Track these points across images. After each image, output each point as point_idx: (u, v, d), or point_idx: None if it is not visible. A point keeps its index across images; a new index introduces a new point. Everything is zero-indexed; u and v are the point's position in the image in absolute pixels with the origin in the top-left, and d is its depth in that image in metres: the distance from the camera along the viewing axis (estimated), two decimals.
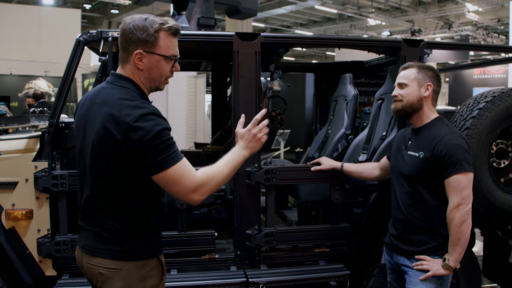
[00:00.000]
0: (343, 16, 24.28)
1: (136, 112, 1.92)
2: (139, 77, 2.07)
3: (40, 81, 12.49)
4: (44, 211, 3.30)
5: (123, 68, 2.09)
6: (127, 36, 2.01)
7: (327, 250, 3.62)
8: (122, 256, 2.04)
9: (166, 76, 2.10)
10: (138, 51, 2.01)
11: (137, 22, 2.00)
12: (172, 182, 1.95)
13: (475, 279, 3.73)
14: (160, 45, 2.02)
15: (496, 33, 24.00)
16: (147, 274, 2.07)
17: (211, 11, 4.45)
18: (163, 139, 1.91)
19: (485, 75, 20.27)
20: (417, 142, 2.72)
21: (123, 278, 2.03)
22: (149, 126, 1.90)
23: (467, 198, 2.53)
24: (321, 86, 5.40)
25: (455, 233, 2.52)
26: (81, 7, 19.86)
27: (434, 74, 2.76)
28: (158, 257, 2.15)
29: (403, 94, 2.73)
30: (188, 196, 1.99)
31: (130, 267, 2.04)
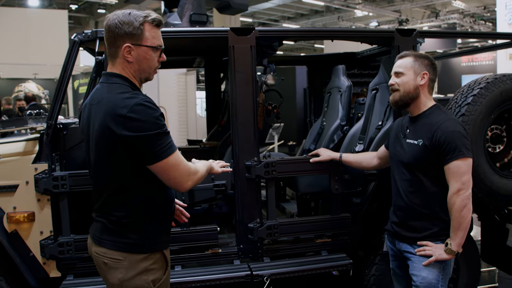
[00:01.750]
0: (330, 8, 24.31)
1: (129, 102, 1.98)
2: (129, 70, 2.13)
3: (30, 83, 12.43)
4: (46, 213, 3.31)
5: (113, 65, 2.14)
6: (114, 32, 2.07)
7: (329, 240, 3.65)
8: (125, 247, 2.10)
9: (154, 67, 2.17)
10: (127, 45, 2.06)
11: (122, 17, 2.06)
12: (172, 169, 2.05)
13: (475, 263, 3.78)
14: (147, 36, 2.09)
15: (482, 20, 24.14)
16: (150, 268, 2.12)
17: (202, 7, 4.44)
18: (160, 126, 1.99)
19: (473, 62, 20.42)
20: (415, 130, 2.75)
21: (125, 269, 2.09)
22: (144, 115, 1.97)
23: (467, 183, 2.56)
24: (314, 79, 5.42)
25: (457, 218, 2.56)
26: (67, 8, 19.70)
27: (430, 62, 2.78)
28: (162, 252, 2.19)
29: (399, 82, 2.76)
30: (184, 180, 2.10)
31: (132, 259, 2.09)
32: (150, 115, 1.97)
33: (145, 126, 1.95)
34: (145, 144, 1.97)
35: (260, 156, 3.50)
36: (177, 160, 2.06)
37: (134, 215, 2.11)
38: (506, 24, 11.72)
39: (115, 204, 2.12)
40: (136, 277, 2.09)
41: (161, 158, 2.01)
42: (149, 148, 1.98)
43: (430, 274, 2.64)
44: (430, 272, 2.65)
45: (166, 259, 2.21)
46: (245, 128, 3.42)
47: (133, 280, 2.09)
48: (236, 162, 3.44)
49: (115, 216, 2.11)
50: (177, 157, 2.06)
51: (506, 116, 3.65)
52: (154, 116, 1.98)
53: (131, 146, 1.99)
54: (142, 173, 2.07)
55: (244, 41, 3.40)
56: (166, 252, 2.23)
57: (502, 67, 11.83)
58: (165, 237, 2.25)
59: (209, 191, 3.38)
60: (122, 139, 1.98)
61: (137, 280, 2.09)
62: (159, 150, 1.99)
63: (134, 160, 2.03)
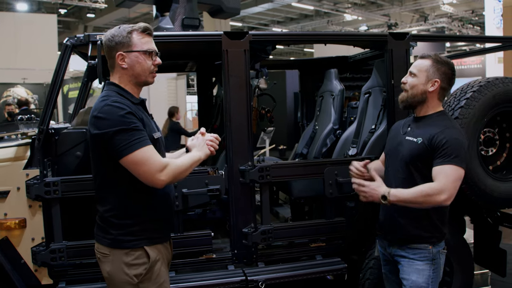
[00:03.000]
0: (319, 13, 24.42)
1: (101, 104, 2.21)
2: (125, 76, 2.33)
3: (19, 88, 12.37)
4: (38, 219, 3.26)
5: (112, 75, 2.37)
6: (108, 46, 2.32)
7: (323, 244, 3.64)
8: (110, 243, 2.28)
9: (149, 70, 2.34)
10: (119, 53, 2.29)
11: (113, 32, 2.32)
12: (141, 163, 2.15)
13: (468, 266, 3.79)
14: (135, 43, 2.30)
15: (471, 24, 24.37)
16: (131, 263, 2.25)
17: (194, 11, 4.43)
18: (124, 123, 2.15)
19: (462, 66, 20.58)
20: (417, 129, 2.72)
21: (111, 263, 2.28)
22: (109, 114, 2.16)
23: (452, 191, 2.49)
24: (306, 83, 5.42)
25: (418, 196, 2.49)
26: (56, 12, 19.59)
27: (448, 71, 2.70)
28: (143, 248, 2.28)
29: (410, 83, 2.72)
30: (156, 176, 2.16)
31: (116, 253, 2.26)
32: (115, 113, 2.16)
33: (108, 123, 2.14)
34: (110, 140, 2.14)
35: (254, 161, 3.48)
36: (145, 155, 2.15)
37: (113, 210, 2.27)
38: (495, 27, 11.83)
39: (99, 199, 2.33)
40: (120, 271, 2.25)
41: (126, 152, 2.14)
42: (114, 144, 2.14)
43: (420, 277, 2.64)
44: (420, 275, 2.64)
45: (148, 255, 2.28)
46: (239, 132, 3.40)
47: (118, 274, 2.26)
48: (230, 166, 3.42)
49: (99, 211, 2.32)
50: (146, 152, 2.16)
51: (498, 119, 3.68)
52: (119, 114, 2.15)
53: (101, 143, 2.18)
54: (117, 170, 2.21)
55: (238, 45, 3.39)
56: (150, 249, 2.30)
57: (491, 70, 11.92)
58: (150, 234, 2.32)
59: (203, 196, 3.35)
60: (94, 138, 2.20)
61: (121, 274, 2.25)
62: (124, 145, 2.13)
63: (107, 158, 2.21)
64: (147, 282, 2.27)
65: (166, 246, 2.47)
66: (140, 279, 2.25)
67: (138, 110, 2.29)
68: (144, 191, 2.27)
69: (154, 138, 2.31)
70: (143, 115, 2.31)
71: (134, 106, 2.27)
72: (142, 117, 2.27)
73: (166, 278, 2.39)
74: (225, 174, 3.43)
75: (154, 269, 2.29)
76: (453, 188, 2.49)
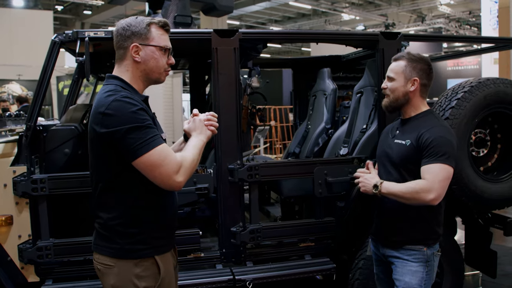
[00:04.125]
0: (317, 12, 24.41)
1: (108, 100, 1.98)
2: (136, 70, 2.14)
3: (14, 85, 12.32)
4: (25, 217, 3.23)
5: (119, 67, 2.15)
6: (122, 34, 2.11)
7: (312, 244, 3.62)
8: (115, 253, 2.06)
9: (163, 68, 2.18)
10: (134, 44, 2.09)
11: (129, 21, 2.13)
12: (157, 164, 1.95)
13: (458, 267, 3.78)
14: (153, 36, 2.13)
15: (468, 25, 24.40)
16: (140, 274, 2.05)
17: (187, 9, 4.40)
18: (136, 120, 1.95)
19: (458, 67, 20.63)
20: (404, 131, 2.71)
21: (116, 275, 2.05)
22: (120, 110, 1.95)
23: (441, 191, 2.47)
24: (300, 82, 5.40)
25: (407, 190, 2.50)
26: (52, 9, 19.53)
27: (424, 66, 2.70)
28: (154, 257, 2.10)
29: (390, 88, 2.70)
30: (173, 177, 1.98)
31: (122, 265, 2.05)
32: (126, 109, 1.95)
33: (120, 120, 1.94)
34: (122, 139, 1.94)
35: (243, 160, 3.46)
36: (161, 154, 1.95)
37: (120, 217, 2.06)
38: (491, 28, 11.83)
39: (101, 206, 2.10)
40: (129, 284, 2.04)
41: (140, 152, 1.94)
42: (127, 143, 1.94)
43: (413, 279, 2.62)
44: (413, 277, 2.62)
45: (158, 266, 2.10)
46: (228, 131, 3.38)
47: (125, 286, 2.05)
48: (218, 165, 3.40)
49: (102, 219, 2.09)
50: (161, 151, 1.96)
51: (490, 120, 3.67)
52: (131, 110, 1.95)
53: (111, 143, 1.96)
54: (127, 173, 2.02)
55: (228, 43, 3.37)
56: (160, 258, 2.12)
57: (487, 71, 11.94)
58: (158, 242, 2.14)
59: (191, 194, 3.33)
60: (102, 137, 1.97)
61: (129, 286, 2.04)
62: (138, 144, 1.93)
63: (117, 159, 2.00)
64: None
65: (172, 253, 2.30)
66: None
67: (148, 107, 2.12)
68: (156, 192, 2.08)
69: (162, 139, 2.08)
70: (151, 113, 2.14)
71: (144, 103, 2.09)
72: (152, 116, 2.12)
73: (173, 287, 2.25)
74: (213, 173, 3.41)
75: (165, 281, 2.13)
76: (441, 188, 2.47)
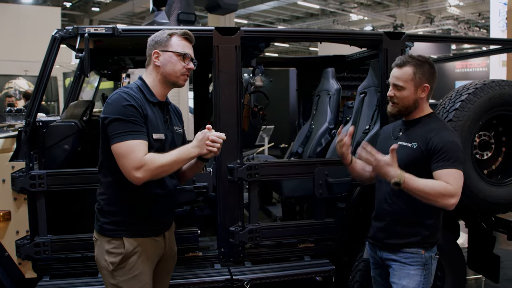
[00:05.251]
0: (325, 12, 24.31)
1: (115, 92, 2.33)
2: (157, 74, 2.44)
3: (20, 80, 12.32)
4: (23, 212, 3.23)
5: (146, 71, 2.49)
6: (149, 44, 2.46)
7: (312, 245, 3.59)
8: (98, 229, 2.42)
9: (180, 72, 2.42)
10: (155, 51, 2.42)
11: (156, 33, 2.48)
12: (122, 155, 2.22)
13: (460, 271, 3.73)
14: (172, 44, 2.42)
15: (477, 27, 24.22)
16: (111, 250, 2.36)
17: (191, 6, 4.38)
18: (123, 114, 2.24)
19: (467, 69, 20.44)
20: (410, 133, 2.65)
21: (98, 247, 2.43)
22: (115, 101, 2.27)
23: (459, 192, 2.42)
24: (304, 81, 5.38)
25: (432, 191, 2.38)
26: (61, 5, 19.58)
27: (431, 69, 2.62)
28: (122, 239, 2.36)
29: (399, 97, 2.62)
30: (132, 172, 2.21)
31: (102, 239, 2.40)
32: (119, 102, 2.26)
33: (111, 110, 2.26)
34: (107, 126, 2.26)
35: (245, 159, 3.43)
36: (128, 148, 2.21)
37: (104, 194, 2.40)
38: (499, 30, 11.72)
39: (99, 189, 2.44)
40: (101, 257, 2.39)
41: (114, 141, 2.23)
42: (109, 130, 2.26)
43: (410, 282, 2.58)
44: (410, 280, 2.58)
45: (124, 246, 2.35)
46: (228, 129, 3.35)
47: (100, 259, 2.40)
48: (218, 164, 3.37)
49: (98, 200, 2.43)
50: (130, 146, 2.21)
51: (494, 122, 3.61)
52: (122, 104, 2.25)
53: (103, 127, 2.30)
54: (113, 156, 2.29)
55: (229, 41, 3.34)
56: (128, 240, 2.36)
57: (495, 73, 11.82)
58: (130, 227, 2.38)
59: (189, 193, 3.31)
60: (101, 121, 2.31)
61: (101, 259, 2.39)
62: (115, 133, 2.23)
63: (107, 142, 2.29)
64: (120, 271, 2.35)
65: (157, 240, 2.48)
66: (114, 267, 2.35)
67: (147, 107, 2.35)
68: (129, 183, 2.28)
69: (153, 139, 2.34)
70: (151, 113, 2.36)
71: (145, 103, 2.34)
72: (147, 114, 2.32)
73: (144, 270, 2.40)
74: (213, 172, 3.39)
75: (129, 260, 2.36)
76: (460, 193, 2.43)
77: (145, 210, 2.41)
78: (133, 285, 2.37)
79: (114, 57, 4.31)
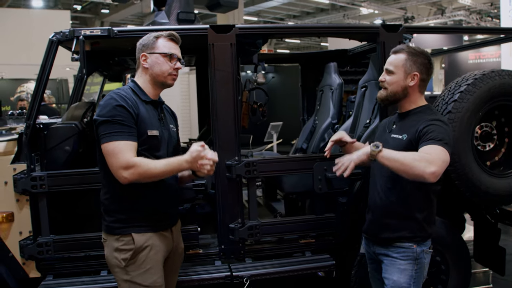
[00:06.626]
0: (335, 6, 24.20)
1: (108, 93, 2.38)
2: (146, 75, 2.51)
3: (32, 84, 12.48)
4: (25, 213, 3.28)
5: (136, 74, 2.57)
6: (138, 48, 2.54)
7: (313, 241, 3.59)
8: (106, 229, 2.48)
9: (168, 72, 2.49)
10: (143, 54, 2.50)
11: (143, 37, 2.55)
12: (110, 154, 2.29)
13: (465, 264, 3.70)
14: (158, 45, 2.49)
15: (489, 17, 23.89)
16: (121, 248, 2.42)
17: (190, 6, 4.39)
18: (111, 115, 2.30)
19: (480, 60, 20.22)
20: (402, 125, 2.66)
21: (107, 247, 2.49)
22: (106, 102, 2.34)
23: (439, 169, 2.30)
24: (307, 77, 5.36)
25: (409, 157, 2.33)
26: (71, 9, 19.75)
27: (424, 61, 2.62)
28: (131, 235, 2.41)
29: (388, 81, 2.64)
30: (119, 171, 2.28)
31: (110, 239, 2.46)
32: (109, 104, 2.32)
33: (101, 111, 2.33)
34: (97, 126, 2.34)
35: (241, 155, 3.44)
36: (116, 148, 2.28)
37: (107, 193, 2.46)
38: (510, 20, 11.57)
39: (103, 190, 2.49)
40: (112, 255, 2.44)
41: (102, 141, 2.31)
42: (98, 131, 2.34)
43: (401, 277, 2.57)
44: (402, 275, 2.58)
45: (134, 242, 2.41)
46: (225, 127, 3.36)
47: (110, 257, 2.46)
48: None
49: (103, 200, 2.48)
50: (117, 146, 2.28)
51: (496, 113, 3.57)
52: (112, 105, 2.31)
53: (96, 128, 2.35)
54: None
55: (224, 38, 3.35)
56: (137, 236, 2.42)
57: (506, 63, 11.68)
58: (137, 223, 2.44)
59: (188, 190, 3.33)
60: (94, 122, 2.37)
61: (112, 258, 2.44)
62: (103, 134, 2.30)
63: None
64: (132, 266, 2.41)
65: (164, 234, 2.54)
66: (126, 263, 2.40)
67: (139, 106, 2.40)
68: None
69: (147, 135, 2.40)
70: (144, 111, 2.41)
71: (138, 102, 2.41)
72: (139, 113, 2.38)
73: (155, 264, 2.47)
74: None
75: (140, 255, 2.42)
76: (441, 167, 2.31)
77: (149, 204, 2.46)
78: (147, 278, 2.43)
79: (115, 58, 4.34)
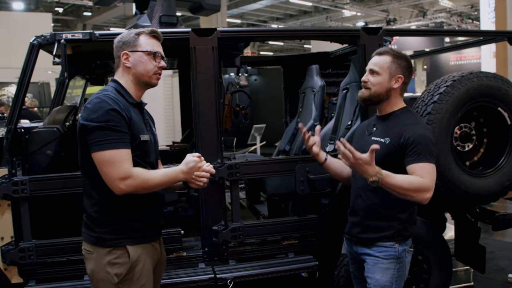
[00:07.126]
0: (318, 9, 24.32)
1: (93, 96, 2.24)
2: (128, 75, 2.36)
3: (13, 87, 12.33)
4: (7, 218, 3.25)
5: (116, 74, 2.40)
6: (116, 46, 2.37)
7: (296, 242, 3.61)
8: (93, 240, 2.28)
9: (152, 71, 2.36)
10: (124, 52, 2.34)
11: (123, 34, 2.39)
12: (106, 164, 2.13)
13: (446, 263, 3.74)
14: (141, 43, 2.34)
15: (470, 19, 24.21)
16: (113, 261, 2.24)
17: (172, 9, 4.39)
18: (104, 120, 2.14)
19: (461, 61, 20.46)
20: (383, 128, 2.68)
21: (94, 260, 2.27)
22: (95, 106, 2.17)
23: (433, 185, 2.46)
24: (290, 79, 5.40)
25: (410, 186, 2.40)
26: (53, 11, 19.58)
27: (407, 65, 2.68)
28: (125, 247, 2.25)
29: (373, 82, 2.67)
30: (115, 182, 2.13)
31: (99, 251, 2.26)
32: (100, 108, 2.15)
33: (91, 116, 2.15)
34: (88, 133, 2.15)
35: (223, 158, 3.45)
36: (112, 157, 2.12)
37: (98, 205, 2.26)
38: (490, 22, 11.73)
39: (85, 194, 2.32)
40: (102, 270, 2.24)
41: (95, 149, 2.14)
42: (90, 137, 2.15)
43: (383, 276, 2.61)
44: (383, 274, 2.61)
45: (129, 255, 2.25)
46: (207, 129, 3.37)
47: (100, 271, 2.25)
48: None
49: (85, 207, 2.30)
50: (114, 155, 2.13)
51: (475, 114, 3.64)
52: (105, 109, 2.15)
53: (84, 134, 2.18)
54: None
55: (206, 42, 3.36)
56: (133, 248, 2.27)
57: (486, 65, 11.85)
58: (131, 233, 2.29)
59: (171, 193, 3.33)
60: (80, 127, 2.20)
61: (102, 272, 2.24)
62: (97, 141, 2.13)
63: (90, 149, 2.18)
64: (127, 282, 2.25)
65: (154, 245, 2.43)
66: (120, 279, 2.23)
67: (129, 109, 2.27)
68: None
69: (140, 140, 2.28)
70: (134, 115, 2.28)
71: (127, 105, 2.27)
72: (131, 117, 2.24)
73: (149, 278, 2.34)
74: None
75: (135, 269, 2.27)
76: (433, 187, 2.47)
77: (142, 214, 2.34)
78: None
79: (97, 61, 4.33)
